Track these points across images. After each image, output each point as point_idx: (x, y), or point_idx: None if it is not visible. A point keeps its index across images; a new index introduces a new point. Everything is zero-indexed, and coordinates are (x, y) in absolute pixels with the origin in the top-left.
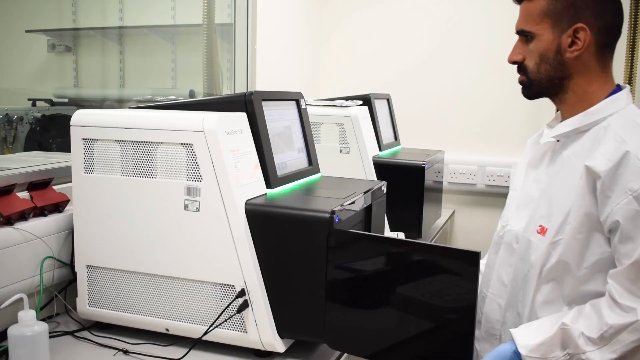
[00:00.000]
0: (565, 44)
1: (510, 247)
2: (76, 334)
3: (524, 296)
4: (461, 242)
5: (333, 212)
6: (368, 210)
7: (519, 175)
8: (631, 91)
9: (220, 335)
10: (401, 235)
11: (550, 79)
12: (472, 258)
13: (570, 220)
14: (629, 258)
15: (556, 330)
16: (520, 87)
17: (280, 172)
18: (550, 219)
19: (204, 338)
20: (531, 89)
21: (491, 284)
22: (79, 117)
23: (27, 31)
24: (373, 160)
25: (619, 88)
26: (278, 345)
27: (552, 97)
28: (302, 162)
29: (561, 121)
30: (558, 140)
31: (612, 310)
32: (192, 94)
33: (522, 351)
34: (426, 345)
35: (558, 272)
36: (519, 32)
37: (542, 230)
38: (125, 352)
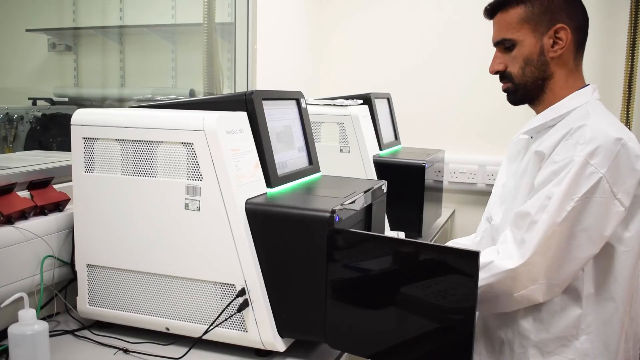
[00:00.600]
0: (548, 45)
1: (494, 241)
2: (76, 333)
3: None
4: None
5: (333, 212)
6: (368, 209)
7: (501, 172)
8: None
9: (221, 334)
10: (401, 235)
11: (535, 80)
12: (472, 258)
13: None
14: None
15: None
16: (506, 95)
17: (280, 171)
18: None
19: (204, 337)
20: (517, 94)
21: None
22: (80, 116)
23: (27, 30)
24: (373, 160)
25: (585, 86)
26: (278, 344)
27: (533, 100)
28: (302, 162)
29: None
30: (532, 137)
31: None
32: (192, 93)
33: None
34: (426, 345)
35: None
36: (498, 43)
37: None
38: (126, 351)
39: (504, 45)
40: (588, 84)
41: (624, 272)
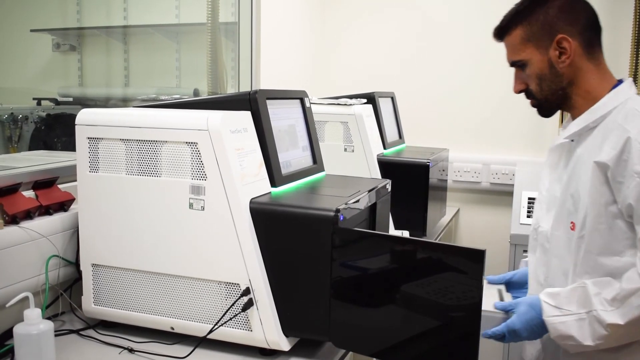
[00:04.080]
0: (555, 56)
1: (543, 247)
2: (81, 332)
3: None
4: (466, 240)
5: (338, 211)
6: (373, 208)
7: (543, 178)
8: (635, 83)
9: (225, 333)
10: (406, 234)
11: (555, 92)
12: (477, 256)
13: (589, 212)
14: None
15: (575, 287)
16: (536, 110)
17: (284, 170)
18: (576, 214)
19: (208, 336)
20: (543, 109)
21: (530, 284)
22: (84, 116)
23: (31, 30)
24: (377, 159)
25: (620, 82)
26: (283, 343)
27: (563, 108)
28: (306, 161)
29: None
30: (572, 140)
31: (630, 277)
32: (196, 92)
33: (542, 296)
34: (431, 344)
35: (589, 264)
36: (512, 64)
37: (573, 226)
38: (131, 350)
39: (517, 65)
40: (621, 79)
41: None
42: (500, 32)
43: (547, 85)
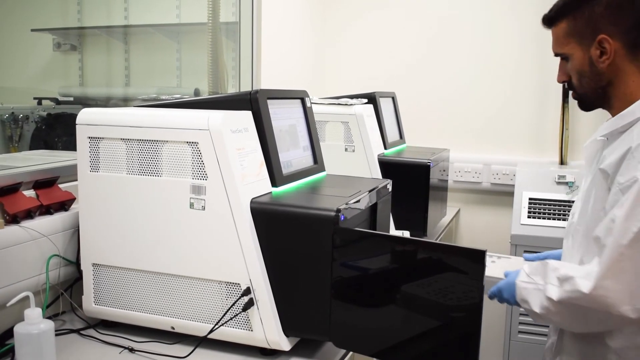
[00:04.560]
0: (595, 55)
1: (573, 237)
2: (82, 332)
3: None
4: (466, 240)
5: (338, 211)
6: (373, 208)
7: (583, 174)
8: None
9: (226, 333)
10: (406, 234)
11: (593, 90)
12: (478, 256)
13: (591, 215)
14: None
15: (545, 262)
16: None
17: (285, 170)
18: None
19: (209, 336)
20: (583, 103)
21: None
22: (85, 116)
23: (32, 30)
24: (378, 159)
25: None
26: (283, 343)
27: (603, 106)
28: (307, 161)
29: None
30: (607, 138)
31: (584, 269)
32: (197, 92)
33: (525, 266)
34: (432, 344)
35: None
36: (556, 55)
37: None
38: (131, 350)
39: (561, 57)
40: None
41: None
42: (549, 22)
43: (587, 82)
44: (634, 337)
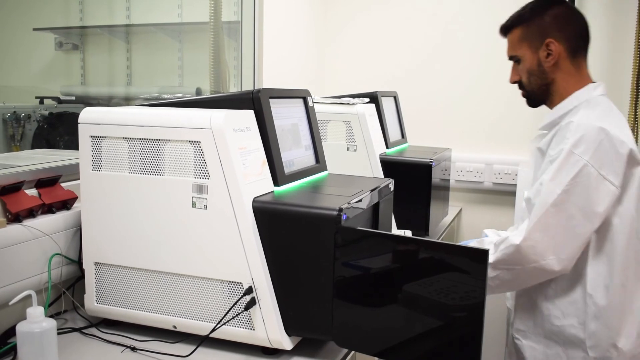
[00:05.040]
0: (543, 57)
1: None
2: (84, 330)
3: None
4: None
5: (340, 210)
6: (375, 208)
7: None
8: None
9: (228, 332)
10: (408, 233)
11: (540, 86)
12: (480, 256)
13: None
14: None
15: (479, 240)
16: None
17: (287, 169)
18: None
19: (211, 335)
20: (531, 99)
21: None
22: (87, 115)
23: (34, 29)
24: (380, 158)
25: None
26: (285, 342)
27: (546, 103)
28: (309, 160)
29: None
30: (547, 132)
31: (515, 233)
32: (199, 91)
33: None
34: (434, 343)
35: None
36: (510, 58)
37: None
38: (133, 349)
39: (514, 60)
40: (592, 83)
41: (621, 239)
42: (505, 30)
43: (535, 79)
44: (566, 291)
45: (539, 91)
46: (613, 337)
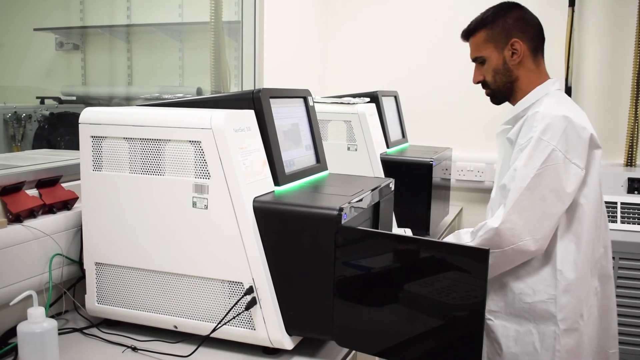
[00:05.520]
0: (508, 56)
1: (492, 210)
2: (85, 331)
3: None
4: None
5: (341, 210)
6: (376, 207)
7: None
8: None
9: (229, 332)
10: (408, 231)
11: (505, 84)
12: (481, 255)
13: (503, 173)
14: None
15: (454, 233)
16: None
17: (288, 169)
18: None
19: (212, 335)
20: (495, 97)
21: None
22: (88, 115)
23: (35, 29)
24: (381, 158)
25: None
26: (286, 342)
27: (509, 99)
28: (309, 160)
29: None
30: (512, 126)
31: (493, 219)
32: (199, 91)
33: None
34: (435, 343)
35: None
36: (474, 60)
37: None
38: (134, 349)
39: (478, 61)
40: (550, 79)
41: (587, 217)
42: (467, 34)
43: (500, 78)
44: (537, 269)
45: (504, 88)
46: (581, 308)
